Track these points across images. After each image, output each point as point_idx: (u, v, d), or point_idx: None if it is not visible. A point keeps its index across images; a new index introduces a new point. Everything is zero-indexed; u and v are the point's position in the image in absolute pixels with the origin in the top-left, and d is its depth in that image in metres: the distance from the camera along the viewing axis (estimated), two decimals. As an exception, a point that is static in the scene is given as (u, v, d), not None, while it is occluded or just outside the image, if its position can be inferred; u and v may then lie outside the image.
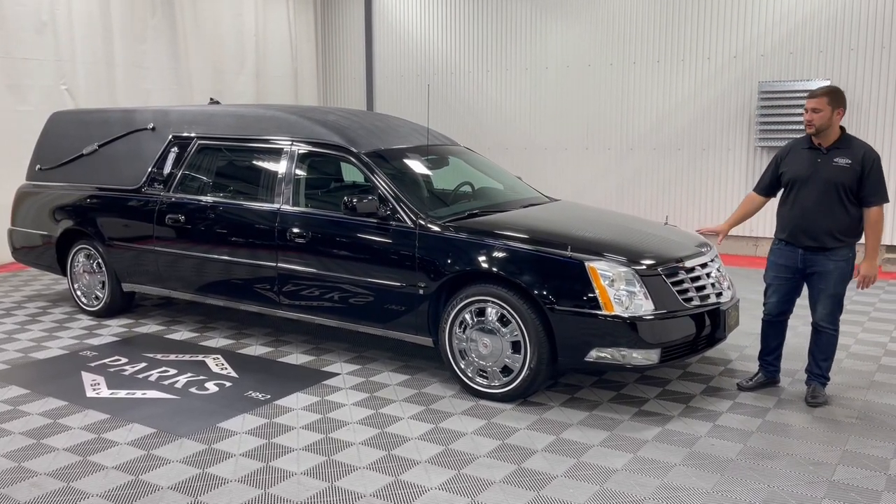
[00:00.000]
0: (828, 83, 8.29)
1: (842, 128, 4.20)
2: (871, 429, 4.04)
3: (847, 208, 4.11)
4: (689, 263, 4.41)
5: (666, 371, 4.90)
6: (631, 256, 4.29)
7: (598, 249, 4.33)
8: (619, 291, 4.11)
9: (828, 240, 4.14)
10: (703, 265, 4.51)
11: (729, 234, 4.68)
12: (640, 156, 9.71)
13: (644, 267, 4.23)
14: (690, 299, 4.29)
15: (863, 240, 4.24)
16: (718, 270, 4.64)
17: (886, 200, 4.12)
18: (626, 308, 4.09)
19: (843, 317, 6.16)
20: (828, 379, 4.42)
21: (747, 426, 4.06)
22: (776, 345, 4.52)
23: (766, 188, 4.47)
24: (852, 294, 7.01)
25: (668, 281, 4.25)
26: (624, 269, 4.17)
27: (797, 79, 8.55)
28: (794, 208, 4.22)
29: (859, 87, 8.31)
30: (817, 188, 4.13)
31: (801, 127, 8.22)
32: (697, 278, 4.40)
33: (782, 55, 8.69)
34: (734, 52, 8.95)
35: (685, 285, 4.31)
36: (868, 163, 4.06)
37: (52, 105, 8.05)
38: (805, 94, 8.19)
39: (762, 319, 4.53)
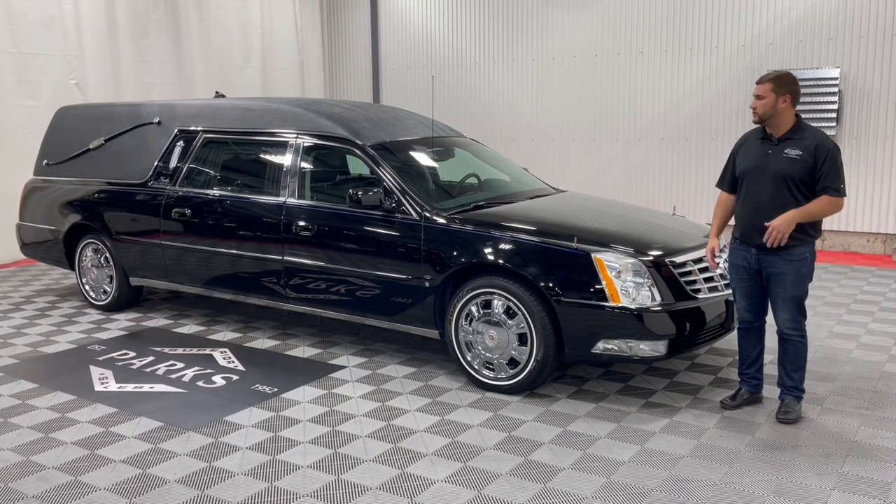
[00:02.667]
0: (837, 71, 8.22)
1: (797, 116, 3.86)
2: (881, 419, 4.01)
3: (801, 204, 3.75)
4: (696, 254, 4.38)
5: (674, 362, 4.87)
6: (638, 247, 4.26)
7: (605, 240, 4.30)
8: (626, 283, 4.08)
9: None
10: (712, 256, 4.47)
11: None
12: (647, 146, 9.65)
13: (651, 258, 4.20)
14: (698, 290, 4.26)
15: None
16: (727, 261, 4.59)
17: (842, 195, 3.73)
18: (633, 299, 4.06)
19: (853, 306, 6.18)
20: (802, 391, 4.03)
21: (756, 417, 4.04)
22: (756, 355, 4.13)
23: (731, 184, 4.06)
24: (863, 284, 6.97)
25: (675, 272, 4.22)
26: (631, 260, 4.14)
27: (807, 67, 8.46)
28: (745, 205, 3.91)
29: (869, 74, 8.22)
30: (767, 182, 3.80)
31: (809, 115, 8.23)
32: (705, 269, 4.36)
33: (791, 43, 8.60)
34: (743, 40, 8.87)
35: (693, 276, 4.28)
36: (822, 154, 3.70)
37: (61, 100, 8.06)
38: (814, 83, 8.24)
39: (737, 328, 4.20)
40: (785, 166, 3.78)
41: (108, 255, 6.18)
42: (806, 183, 3.76)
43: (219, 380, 4.71)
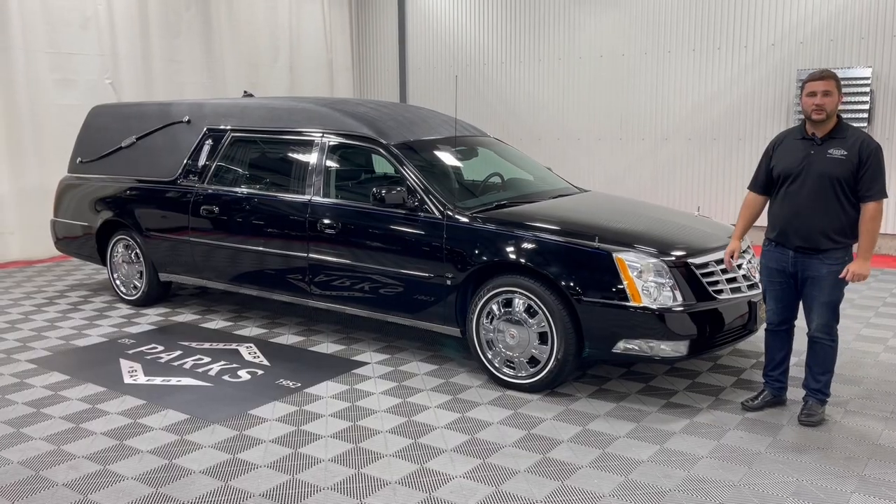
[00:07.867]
0: (869, 71, 8.09)
1: (838, 116, 3.77)
2: (906, 424, 3.96)
3: (843, 206, 3.69)
4: (719, 255, 4.35)
5: (696, 363, 4.85)
6: (660, 248, 4.25)
7: (627, 240, 4.30)
8: (648, 283, 4.08)
9: (822, 240, 3.73)
10: (735, 256, 4.44)
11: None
12: (674, 146, 9.59)
13: (673, 258, 4.19)
14: (721, 291, 4.24)
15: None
16: (750, 262, 4.57)
17: (884, 196, 3.67)
18: (655, 300, 4.06)
19: (882, 309, 6.10)
20: (827, 395, 3.98)
21: (778, 419, 4.01)
22: (782, 357, 4.09)
23: (763, 185, 3.97)
24: (892, 287, 6.86)
25: (697, 272, 4.20)
26: (653, 260, 4.13)
27: (838, 66, 8.34)
28: (784, 206, 3.82)
29: (903, 74, 8.09)
30: (810, 183, 3.72)
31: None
32: (728, 270, 4.34)
33: (822, 42, 8.49)
34: (772, 39, 8.77)
35: (715, 277, 4.26)
36: (865, 153, 3.64)
37: (97, 99, 8.21)
38: (846, 83, 8.06)
39: (765, 329, 4.15)
40: (830, 167, 3.69)
41: (138, 251, 6.31)
42: (850, 184, 3.69)
43: (244, 374, 4.79)
